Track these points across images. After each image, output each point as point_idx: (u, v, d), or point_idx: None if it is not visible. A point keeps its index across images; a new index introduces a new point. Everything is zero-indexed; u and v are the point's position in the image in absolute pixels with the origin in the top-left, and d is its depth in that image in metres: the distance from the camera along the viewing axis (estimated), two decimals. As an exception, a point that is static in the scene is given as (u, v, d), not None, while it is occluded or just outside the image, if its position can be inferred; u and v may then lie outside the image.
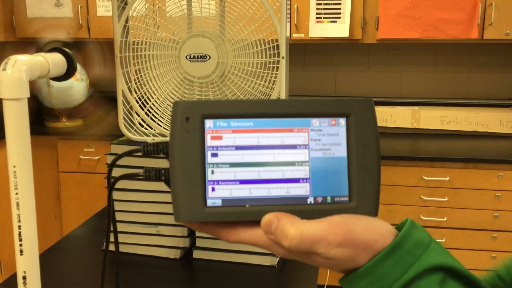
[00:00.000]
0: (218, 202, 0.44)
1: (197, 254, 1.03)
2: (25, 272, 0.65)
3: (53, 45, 0.74)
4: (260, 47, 0.98)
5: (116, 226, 0.67)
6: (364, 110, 0.45)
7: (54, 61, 0.72)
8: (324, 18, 2.53)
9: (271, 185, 0.44)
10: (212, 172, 0.44)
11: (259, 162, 0.44)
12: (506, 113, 2.56)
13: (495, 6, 2.39)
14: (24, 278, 0.65)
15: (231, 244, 1.01)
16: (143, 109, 1.04)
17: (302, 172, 0.44)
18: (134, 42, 1.02)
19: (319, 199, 0.45)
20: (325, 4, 2.52)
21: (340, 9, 2.51)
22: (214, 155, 0.44)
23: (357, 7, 2.51)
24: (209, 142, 0.44)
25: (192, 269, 1.01)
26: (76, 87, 2.68)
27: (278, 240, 0.42)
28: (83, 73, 2.72)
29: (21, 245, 0.64)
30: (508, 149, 2.37)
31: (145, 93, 1.04)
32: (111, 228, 0.56)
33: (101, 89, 2.74)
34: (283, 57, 0.96)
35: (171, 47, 1.00)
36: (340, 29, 2.51)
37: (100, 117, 2.80)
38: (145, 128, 1.05)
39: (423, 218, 2.34)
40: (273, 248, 0.43)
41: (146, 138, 1.03)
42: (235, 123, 0.44)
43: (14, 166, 0.63)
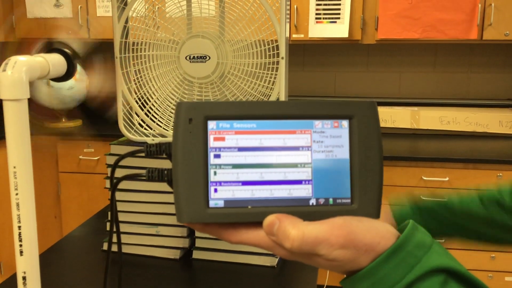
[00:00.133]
0: (221, 203, 0.44)
1: (196, 254, 1.03)
2: (25, 272, 0.65)
3: (53, 46, 0.74)
4: (259, 48, 0.98)
5: (119, 226, 0.67)
6: (367, 112, 0.45)
7: (54, 61, 0.72)
8: (323, 18, 2.53)
9: (274, 187, 0.44)
10: (215, 173, 0.44)
11: (262, 164, 0.44)
12: (505, 114, 2.56)
13: (495, 7, 2.39)
14: (24, 278, 0.65)
15: (231, 244, 1.01)
16: (142, 110, 1.04)
17: (305, 173, 0.44)
18: (133, 43, 1.02)
19: (321, 201, 0.45)
20: (325, 5, 2.52)
21: (339, 9, 2.51)
22: (217, 156, 0.44)
23: (357, 8, 2.51)
24: (211, 143, 0.44)
25: (192, 269, 1.01)
26: (76, 88, 2.68)
27: (280, 242, 0.42)
28: (83, 73, 2.72)
29: (21, 246, 0.64)
30: (507, 150, 2.37)
31: (145, 93, 1.04)
32: (114, 229, 0.57)
33: (101, 89, 2.74)
34: (282, 58, 0.96)
35: (171, 47, 1.00)
36: (339, 30, 2.52)
37: (100, 117, 2.80)
38: (145, 129, 1.05)
39: (422, 218, 2.34)
40: (275, 249, 0.43)
41: (145, 138, 1.03)
42: (238, 124, 0.44)
43: (14, 167, 0.63)
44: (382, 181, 0.45)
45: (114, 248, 1.02)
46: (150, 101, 1.04)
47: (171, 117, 1.04)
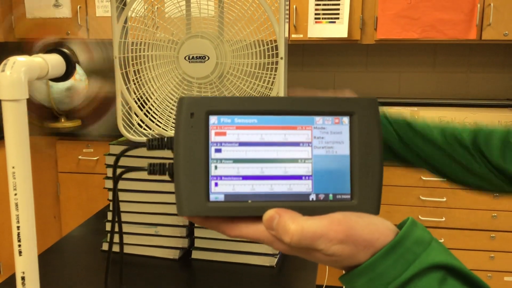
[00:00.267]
0: (221, 197, 0.44)
1: (196, 254, 1.03)
2: (23, 272, 0.65)
3: (52, 46, 0.75)
4: (258, 48, 0.98)
5: (121, 218, 0.67)
6: (368, 109, 0.45)
7: (53, 62, 0.72)
8: (322, 18, 2.53)
9: (274, 182, 0.45)
10: (216, 167, 0.44)
11: (262, 159, 0.44)
12: (504, 113, 2.56)
13: (494, 7, 2.39)
14: (23, 278, 0.65)
15: (230, 244, 1.01)
16: (141, 110, 1.04)
17: (305, 169, 0.45)
18: (133, 43, 1.02)
19: (321, 197, 0.45)
20: (324, 5, 2.52)
21: (338, 9, 2.51)
22: (218, 150, 0.44)
23: (356, 8, 2.51)
24: (213, 137, 0.44)
25: (191, 269, 1.01)
26: (75, 88, 2.68)
27: (279, 236, 0.42)
28: (82, 73, 2.72)
29: (20, 246, 0.64)
30: (506, 149, 2.37)
31: (144, 93, 1.04)
32: (115, 224, 0.57)
33: (100, 89, 2.74)
34: (281, 58, 0.96)
35: (170, 47, 1.00)
36: (338, 30, 2.52)
37: (99, 117, 2.80)
38: (144, 129, 1.05)
39: (421, 218, 2.34)
40: (274, 244, 0.43)
41: (144, 138, 1.03)
42: (239, 119, 0.44)
43: (13, 167, 0.63)
44: (382, 177, 0.45)
45: (115, 248, 1.02)
46: (149, 101, 1.04)
47: (170, 117, 1.04)
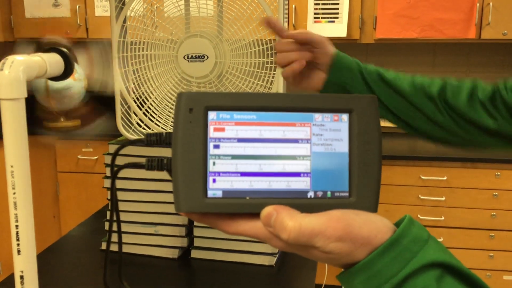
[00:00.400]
0: (219, 194, 0.44)
1: (195, 253, 1.03)
2: (22, 271, 0.65)
3: (51, 45, 0.75)
4: (257, 47, 0.98)
5: (120, 217, 0.67)
6: (367, 107, 0.45)
7: (52, 61, 0.72)
8: (322, 18, 2.54)
9: (272, 178, 0.44)
10: (214, 163, 0.44)
11: (261, 155, 0.44)
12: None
13: (493, 6, 2.39)
14: (22, 277, 0.65)
15: (229, 243, 1.01)
16: (141, 109, 1.04)
17: (303, 166, 0.45)
18: (132, 42, 1.02)
19: (319, 194, 0.45)
20: (323, 4, 2.52)
21: (338, 9, 2.51)
22: (216, 146, 0.44)
23: (355, 7, 2.51)
24: (211, 133, 0.44)
25: (190, 268, 1.01)
26: (74, 87, 2.68)
27: (277, 233, 0.42)
28: (81, 73, 2.72)
29: (18, 245, 0.64)
30: (505, 149, 2.38)
31: (143, 93, 1.04)
32: (114, 219, 0.57)
33: (99, 89, 2.73)
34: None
35: (169, 47, 1.00)
36: (338, 29, 2.52)
37: (98, 117, 2.80)
38: (143, 128, 1.05)
39: (420, 217, 2.35)
40: (272, 241, 0.43)
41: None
42: (238, 115, 0.44)
43: (12, 166, 0.63)
44: (380, 175, 0.45)
45: (114, 247, 1.02)
46: (148, 100, 1.04)
47: (169, 116, 1.04)
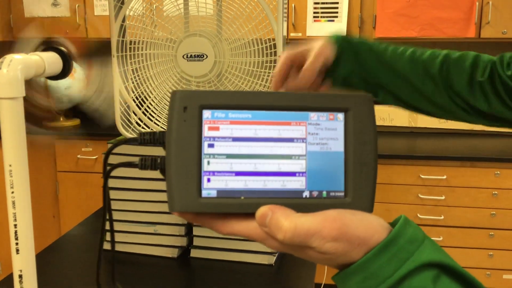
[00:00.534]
0: (213, 193, 0.43)
1: (194, 253, 1.03)
2: (21, 270, 0.65)
3: (49, 45, 0.74)
4: (257, 46, 0.98)
5: (112, 214, 0.67)
6: (363, 106, 0.45)
7: (50, 60, 0.72)
8: (321, 17, 2.53)
9: (267, 178, 0.44)
10: (208, 162, 0.43)
11: (256, 154, 0.44)
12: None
13: (492, 5, 2.39)
14: (21, 277, 0.65)
15: (229, 243, 1.01)
16: (140, 108, 1.04)
17: (299, 165, 0.44)
18: (131, 42, 1.02)
19: (315, 193, 0.44)
20: (322, 3, 2.52)
21: (337, 8, 2.51)
22: (211, 145, 0.43)
23: (355, 6, 2.51)
24: (206, 132, 0.43)
25: (190, 268, 1.01)
26: (74, 87, 2.68)
27: (272, 233, 0.42)
28: (80, 72, 2.72)
29: (17, 244, 0.64)
30: (505, 147, 2.38)
31: (142, 92, 1.04)
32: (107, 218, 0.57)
33: (98, 88, 2.73)
34: (280, 56, 0.96)
35: (168, 46, 1.00)
36: (337, 28, 2.51)
37: (98, 116, 2.80)
38: (142, 128, 1.05)
39: (420, 216, 2.35)
40: (267, 241, 0.43)
41: (143, 137, 1.03)
42: (233, 114, 0.44)
43: (10, 165, 0.63)
44: (376, 175, 0.45)
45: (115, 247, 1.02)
46: (147, 99, 1.04)
47: (168, 115, 1.03)
